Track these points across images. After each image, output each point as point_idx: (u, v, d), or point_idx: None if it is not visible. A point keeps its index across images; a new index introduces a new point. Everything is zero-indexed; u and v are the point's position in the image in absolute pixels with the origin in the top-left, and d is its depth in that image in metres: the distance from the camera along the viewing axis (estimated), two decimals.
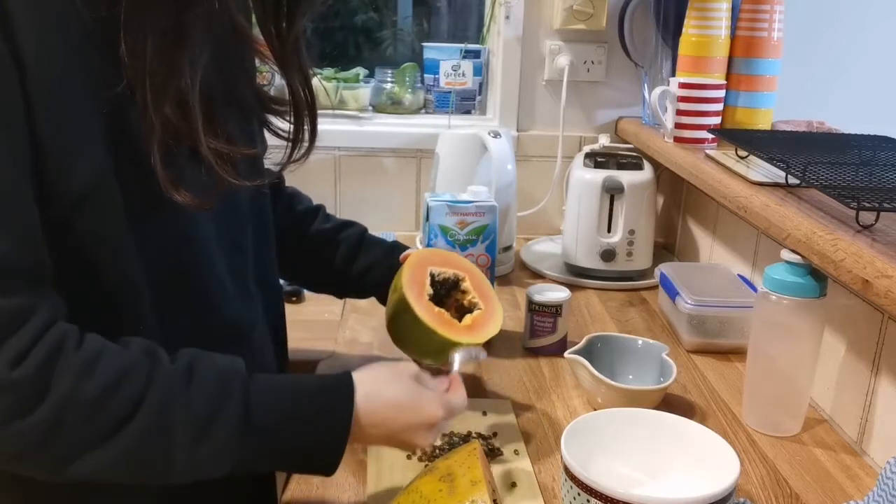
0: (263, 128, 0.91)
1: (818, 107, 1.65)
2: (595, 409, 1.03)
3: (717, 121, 1.49)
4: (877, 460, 0.98)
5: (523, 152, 1.79)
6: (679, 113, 1.48)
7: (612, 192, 1.50)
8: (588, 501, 0.74)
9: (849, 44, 1.84)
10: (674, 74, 1.58)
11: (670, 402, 1.09)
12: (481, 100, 1.87)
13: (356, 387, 0.78)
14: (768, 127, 1.52)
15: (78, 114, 0.67)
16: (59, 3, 0.66)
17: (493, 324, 0.94)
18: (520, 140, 1.79)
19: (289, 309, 1.01)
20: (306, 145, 0.88)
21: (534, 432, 1.01)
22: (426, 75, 1.87)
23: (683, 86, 1.46)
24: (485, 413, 1.04)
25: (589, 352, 1.09)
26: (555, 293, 1.22)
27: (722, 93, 1.49)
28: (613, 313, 1.41)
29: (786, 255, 1.00)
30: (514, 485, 0.89)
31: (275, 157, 0.89)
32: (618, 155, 1.55)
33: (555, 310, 1.21)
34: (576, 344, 1.10)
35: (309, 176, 1.12)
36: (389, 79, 1.85)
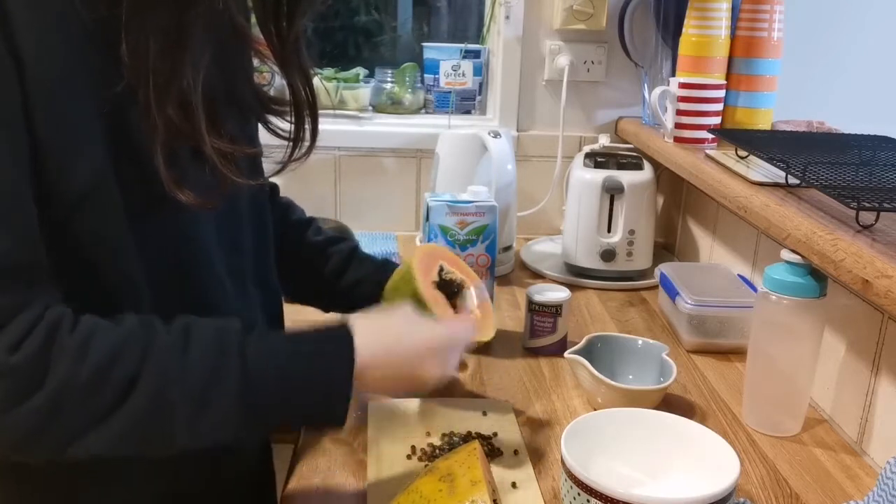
0: (263, 127, 0.91)
1: (818, 107, 1.65)
2: (595, 409, 1.03)
3: (717, 121, 1.49)
4: (877, 460, 0.98)
5: (523, 152, 1.79)
6: (679, 113, 1.48)
7: (612, 192, 1.50)
8: (588, 501, 0.74)
9: (849, 44, 1.84)
10: (674, 74, 1.58)
11: (670, 402, 1.09)
12: (481, 100, 1.87)
13: (354, 335, 0.77)
14: (768, 127, 1.52)
15: (78, 114, 0.67)
16: (58, 3, 0.66)
17: (483, 332, 0.96)
18: (520, 140, 1.79)
19: (288, 309, 1.01)
20: (307, 144, 0.88)
21: (534, 432, 1.01)
22: (426, 75, 1.87)
23: (683, 86, 1.46)
24: (485, 413, 1.04)
25: (589, 352, 1.09)
26: (555, 293, 1.22)
27: (722, 93, 1.49)
28: (613, 313, 1.41)
29: (786, 255, 1.00)
30: (514, 485, 0.89)
31: (275, 157, 0.89)
32: (618, 155, 1.55)
33: (555, 310, 1.21)
34: (576, 344, 1.10)
35: (309, 176, 1.13)
36: (389, 79, 1.85)
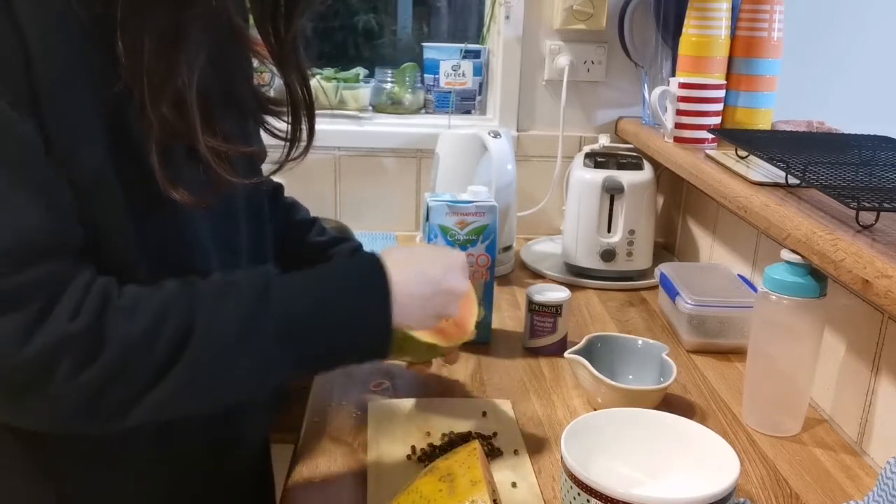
0: (260, 128, 0.91)
1: (818, 107, 1.65)
2: (595, 409, 1.03)
3: (717, 121, 1.49)
4: (877, 460, 0.98)
5: (523, 152, 1.79)
6: (679, 113, 1.48)
7: (612, 192, 1.50)
8: (588, 501, 0.74)
9: (849, 44, 1.84)
10: (674, 74, 1.58)
11: (670, 402, 1.09)
12: (481, 100, 1.87)
13: (386, 258, 0.82)
14: (768, 127, 1.52)
15: (78, 112, 0.67)
16: (58, 2, 0.66)
17: (458, 338, 0.96)
18: (520, 140, 1.79)
19: None
20: (304, 144, 0.89)
21: (534, 432, 1.01)
22: (426, 75, 1.87)
23: (683, 86, 1.46)
24: (485, 413, 1.04)
25: (589, 352, 1.09)
26: (555, 293, 1.22)
27: (722, 93, 1.49)
28: (613, 313, 1.41)
29: (786, 255, 1.00)
30: (514, 485, 0.89)
31: (272, 156, 0.89)
32: (618, 155, 1.55)
33: (555, 310, 1.21)
34: (576, 344, 1.10)
35: (309, 176, 1.13)
36: (389, 79, 1.85)
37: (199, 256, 0.80)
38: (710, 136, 1.46)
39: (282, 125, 0.89)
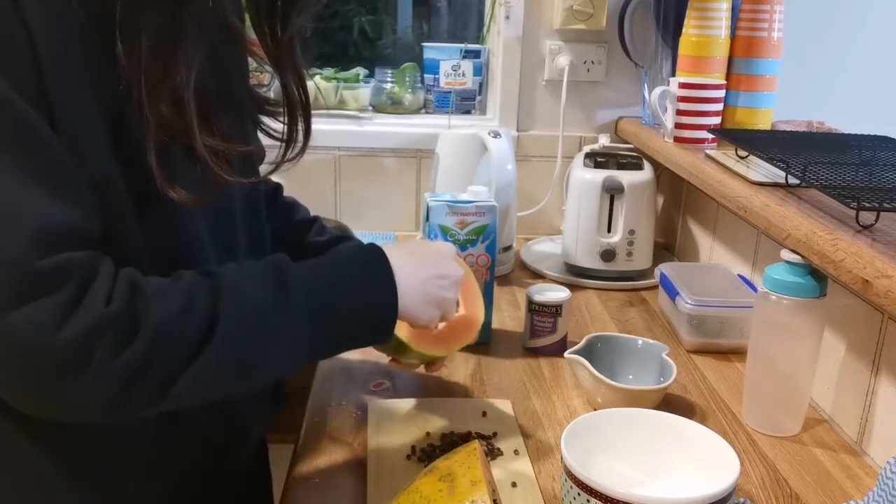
0: (257, 128, 0.91)
1: (818, 107, 1.65)
2: (595, 409, 1.03)
3: (717, 121, 1.49)
4: (877, 460, 0.98)
5: (523, 152, 1.79)
6: (679, 113, 1.48)
7: (612, 192, 1.50)
8: (588, 501, 0.74)
9: (849, 44, 1.84)
10: (674, 74, 1.58)
11: (670, 402, 1.09)
12: (481, 100, 1.87)
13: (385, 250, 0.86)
14: (768, 127, 1.52)
15: (82, 112, 0.67)
16: (59, 2, 0.66)
17: (467, 334, 0.96)
18: (520, 140, 1.79)
19: None
20: (300, 145, 0.89)
21: (534, 432, 1.01)
22: (426, 75, 1.87)
23: (683, 86, 1.46)
24: (485, 413, 1.04)
25: (589, 352, 1.09)
26: (555, 293, 1.22)
27: (722, 93, 1.49)
28: (613, 313, 1.41)
29: (786, 255, 1.00)
30: (514, 485, 0.89)
31: (270, 157, 0.90)
32: (618, 155, 1.55)
33: (555, 310, 1.21)
34: (576, 344, 1.10)
35: (309, 176, 1.12)
36: (389, 79, 1.85)
37: (198, 255, 0.80)
38: (710, 136, 1.46)
39: (278, 125, 0.89)
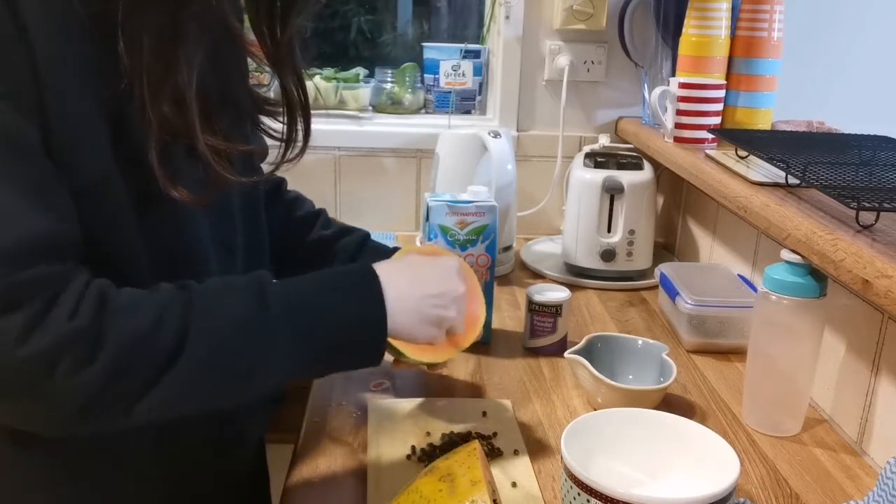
0: (256, 128, 0.91)
1: (818, 107, 1.65)
2: (595, 409, 1.03)
3: (717, 121, 1.49)
4: (877, 460, 0.98)
5: (523, 152, 1.79)
6: (679, 113, 1.48)
7: (612, 192, 1.50)
8: (588, 501, 0.74)
9: (849, 44, 1.84)
10: (674, 74, 1.58)
11: (670, 402, 1.09)
12: (481, 100, 1.87)
13: (376, 266, 0.84)
14: (768, 127, 1.52)
15: (82, 113, 0.67)
16: (59, 2, 0.66)
17: (466, 339, 0.95)
18: (520, 140, 1.79)
19: None
20: (300, 145, 0.89)
21: (534, 432, 1.01)
22: (426, 75, 1.87)
23: (683, 86, 1.46)
24: (485, 413, 1.04)
25: (589, 352, 1.09)
26: (555, 293, 1.22)
27: (722, 93, 1.49)
28: (613, 313, 1.41)
29: (786, 255, 1.00)
30: (514, 485, 0.89)
31: (270, 156, 0.89)
32: (618, 155, 1.55)
33: (555, 310, 1.21)
34: (576, 344, 1.10)
35: (309, 176, 1.13)
36: (389, 79, 1.85)
37: (198, 254, 0.80)
38: (710, 136, 1.46)
39: (278, 125, 0.89)
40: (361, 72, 1.89)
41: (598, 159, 1.54)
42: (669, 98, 1.48)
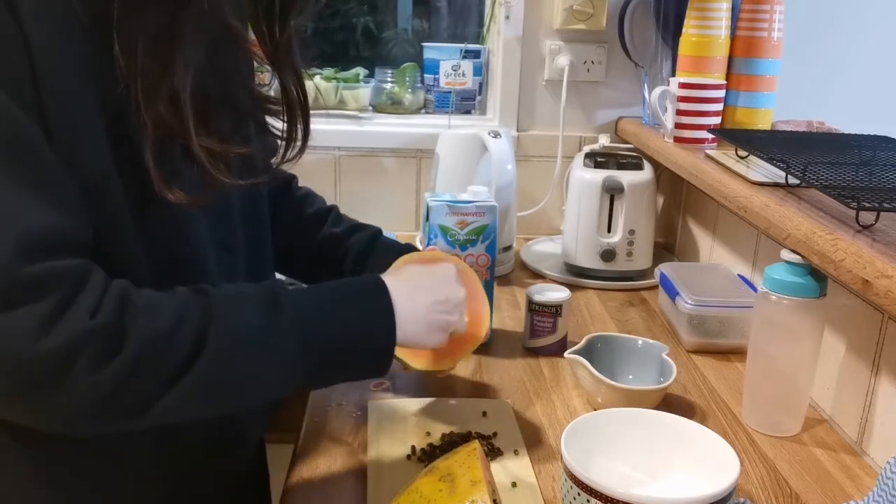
0: (259, 128, 0.91)
1: (818, 107, 1.65)
2: (595, 409, 1.03)
3: (717, 121, 1.49)
4: (877, 460, 0.98)
5: (523, 152, 1.79)
6: (679, 113, 1.48)
7: (612, 192, 1.50)
8: (588, 501, 0.74)
9: (849, 44, 1.84)
10: (674, 74, 1.58)
11: (670, 402, 1.09)
12: (481, 100, 1.87)
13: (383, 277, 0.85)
14: (768, 127, 1.52)
15: (81, 113, 0.67)
16: (60, 3, 0.66)
17: (469, 345, 0.96)
18: (520, 140, 1.79)
19: None
20: (299, 145, 0.89)
21: (534, 432, 1.01)
22: (426, 75, 1.87)
23: (683, 86, 1.46)
24: (485, 413, 1.04)
25: (589, 352, 1.09)
26: (555, 293, 1.22)
27: (722, 93, 1.49)
28: (613, 313, 1.41)
29: (786, 255, 1.00)
30: (514, 485, 0.89)
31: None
32: (618, 155, 1.55)
33: (555, 310, 1.21)
34: (576, 344, 1.10)
35: (309, 176, 1.13)
36: (389, 79, 1.85)
37: (198, 256, 0.80)
38: (710, 136, 1.46)
39: (280, 125, 0.89)
40: (361, 72, 1.89)
41: (598, 159, 1.54)
42: (669, 98, 1.48)
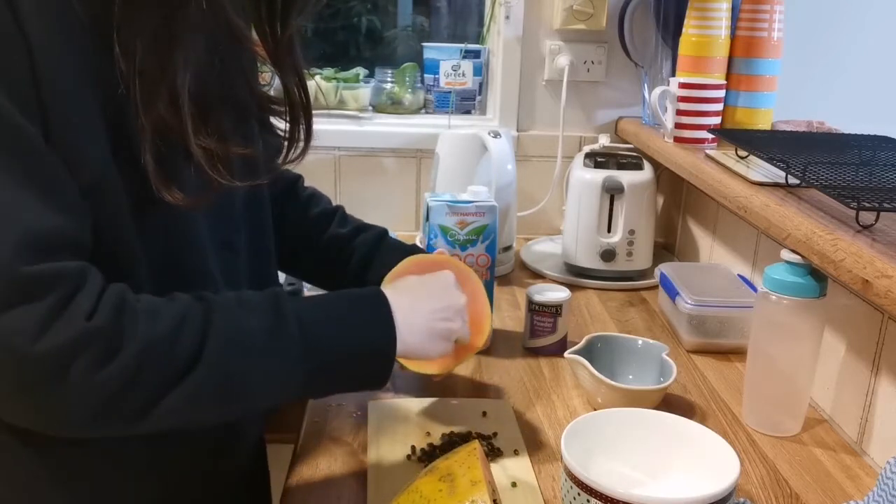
0: (262, 128, 0.91)
1: (818, 107, 1.65)
2: (595, 409, 1.03)
3: (717, 121, 1.49)
4: (877, 460, 0.98)
5: (523, 152, 1.79)
6: (679, 113, 1.48)
7: (612, 192, 1.50)
8: (588, 501, 0.74)
9: (849, 44, 1.83)
10: (674, 74, 1.58)
11: (670, 402, 1.09)
12: (481, 100, 1.87)
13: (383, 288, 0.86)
14: (768, 127, 1.52)
15: (81, 113, 0.67)
16: (60, 3, 0.66)
17: (471, 348, 0.96)
18: (520, 140, 1.79)
19: None
20: (302, 145, 0.89)
21: (534, 432, 1.01)
22: (426, 75, 1.87)
23: (683, 86, 1.46)
24: (485, 413, 1.04)
25: (589, 352, 1.09)
26: (555, 293, 1.22)
27: (722, 93, 1.49)
28: (613, 313, 1.41)
29: (786, 255, 1.00)
30: (514, 485, 0.89)
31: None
32: (618, 155, 1.55)
33: (555, 310, 1.21)
34: (576, 344, 1.10)
35: (309, 176, 1.12)
36: (389, 79, 1.85)
37: (199, 255, 0.80)
38: (710, 136, 1.46)
39: (282, 125, 0.89)
40: (361, 72, 1.89)
41: (598, 159, 1.54)
42: (669, 98, 1.48)
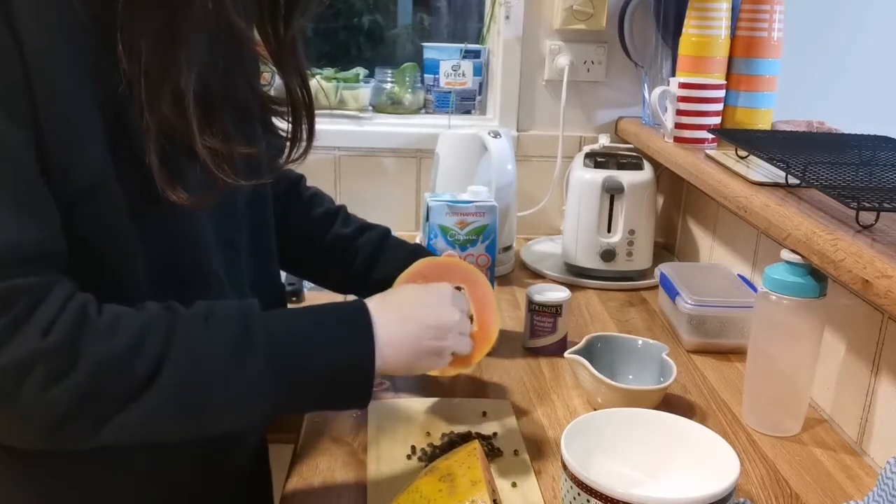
0: (264, 128, 0.91)
1: (818, 107, 1.65)
2: (595, 409, 1.03)
3: (717, 121, 1.49)
4: (877, 460, 0.98)
5: (523, 152, 1.79)
6: (679, 113, 1.48)
7: (612, 192, 1.50)
8: (588, 501, 0.74)
9: (849, 44, 1.84)
10: (674, 74, 1.58)
11: (670, 402, 1.09)
12: (481, 100, 1.87)
13: (367, 302, 0.82)
14: (768, 127, 1.52)
15: (80, 114, 0.67)
16: (59, 3, 0.66)
17: (480, 350, 0.95)
18: (520, 140, 1.79)
19: None
20: (304, 145, 0.88)
21: (534, 432, 1.01)
22: (426, 75, 1.87)
23: (683, 86, 1.46)
24: (485, 413, 1.04)
25: (589, 352, 1.09)
26: (555, 293, 1.22)
27: (722, 93, 1.49)
28: (613, 313, 1.41)
29: (786, 255, 1.00)
30: (514, 485, 0.89)
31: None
32: (618, 155, 1.55)
33: (555, 310, 1.21)
34: (576, 344, 1.10)
35: (309, 176, 1.13)
36: (389, 79, 1.85)
37: (201, 255, 0.80)
38: (710, 136, 1.46)
39: (283, 126, 0.89)
40: (361, 72, 1.89)
41: (598, 159, 1.54)
42: (669, 98, 1.48)
